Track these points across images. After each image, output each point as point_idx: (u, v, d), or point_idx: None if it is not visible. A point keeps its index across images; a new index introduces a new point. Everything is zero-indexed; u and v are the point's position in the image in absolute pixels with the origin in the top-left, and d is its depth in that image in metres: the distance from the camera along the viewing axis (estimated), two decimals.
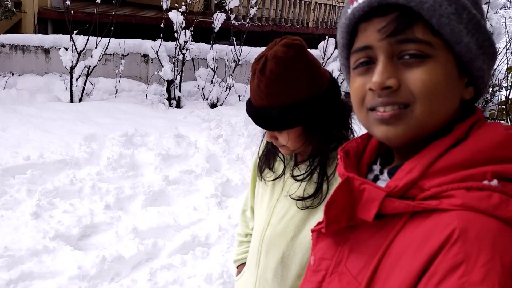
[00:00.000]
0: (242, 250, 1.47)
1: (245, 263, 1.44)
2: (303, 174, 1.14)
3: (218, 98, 6.50)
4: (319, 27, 11.82)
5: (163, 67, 6.11)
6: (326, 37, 6.76)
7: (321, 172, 1.11)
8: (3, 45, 5.75)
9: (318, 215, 1.11)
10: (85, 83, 5.54)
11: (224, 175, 4.10)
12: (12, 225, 2.89)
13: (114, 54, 6.24)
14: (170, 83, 6.16)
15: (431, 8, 0.57)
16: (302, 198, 1.12)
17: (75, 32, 5.39)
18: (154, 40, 6.38)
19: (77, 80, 5.49)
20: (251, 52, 7.24)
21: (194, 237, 3.07)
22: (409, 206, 0.58)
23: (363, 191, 0.62)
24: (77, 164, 3.81)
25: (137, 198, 3.47)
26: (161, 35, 6.10)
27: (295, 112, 1.05)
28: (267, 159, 1.28)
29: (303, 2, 11.04)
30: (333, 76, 1.17)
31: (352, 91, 0.67)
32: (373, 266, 0.60)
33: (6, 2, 6.00)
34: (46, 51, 5.97)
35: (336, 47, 7.06)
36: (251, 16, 6.89)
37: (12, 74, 5.66)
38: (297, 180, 1.15)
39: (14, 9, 6.09)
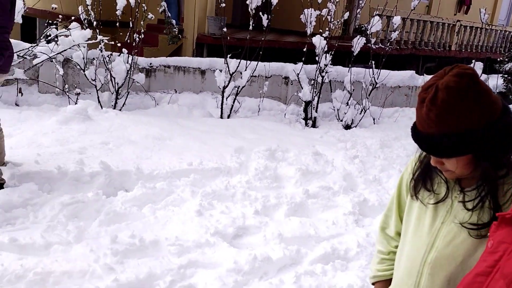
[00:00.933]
0: (385, 267, 1.47)
1: (383, 280, 1.48)
2: (473, 201, 1.14)
3: (352, 120, 6.63)
4: (463, 50, 11.19)
5: (302, 88, 6.47)
6: (473, 60, 6.44)
7: (492, 200, 1.12)
8: (169, 66, 6.71)
9: None
10: (234, 102, 6.17)
11: (361, 194, 4.21)
12: (180, 220, 3.41)
13: (258, 76, 6.81)
14: (307, 103, 6.49)
15: None
16: (477, 228, 1.12)
17: (228, 56, 6.07)
18: (295, 63, 6.80)
19: (227, 98, 6.14)
20: (389, 76, 7.25)
21: (334, 249, 3.25)
22: None
23: None
24: (229, 173, 4.29)
25: (281, 207, 3.77)
26: (303, 58, 6.48)
27: (465, 140, 1.06)
28: (422, 179, 1.27)
29: (446, 24, 10.60)
30: (505, 103, 1.17)
31: None
32: None
33: (174, 29, 7.02)
34: (202, 72, 6.79)
35: (483, 72, 6.67)
36: (392, 40, 6.91)
37: (175, 91, 6.56)
38: (468, 209, 1.15)
39: (179, 35, 7.08)
